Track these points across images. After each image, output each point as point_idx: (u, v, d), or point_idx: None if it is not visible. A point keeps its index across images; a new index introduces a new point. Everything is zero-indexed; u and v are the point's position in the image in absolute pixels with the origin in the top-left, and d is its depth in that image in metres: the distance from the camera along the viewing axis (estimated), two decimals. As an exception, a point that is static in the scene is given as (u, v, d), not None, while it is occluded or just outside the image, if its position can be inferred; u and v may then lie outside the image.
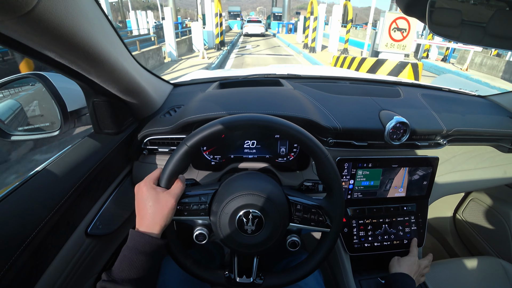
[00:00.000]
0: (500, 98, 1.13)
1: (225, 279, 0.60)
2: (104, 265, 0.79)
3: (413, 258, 0.87)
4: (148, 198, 0.51)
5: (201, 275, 0.59)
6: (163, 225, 0.51)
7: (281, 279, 0.61)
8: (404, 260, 0.86)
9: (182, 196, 0.56)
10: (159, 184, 0.54)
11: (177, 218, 0.55)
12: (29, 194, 0.53)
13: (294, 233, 0.61)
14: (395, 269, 0.83)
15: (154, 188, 0.52)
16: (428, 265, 0.90)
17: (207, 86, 1.03)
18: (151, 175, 0.55)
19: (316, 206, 0.58)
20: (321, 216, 0.57)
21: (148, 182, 0.53)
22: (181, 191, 0.54)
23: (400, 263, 0.85)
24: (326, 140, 0.84)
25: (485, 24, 0.57)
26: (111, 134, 0.76)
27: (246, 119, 0.55)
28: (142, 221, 0.50)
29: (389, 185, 0.90)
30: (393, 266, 0.85)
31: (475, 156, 1.03)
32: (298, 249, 0.61)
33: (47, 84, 0.67)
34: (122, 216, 0.82)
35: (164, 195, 0.51)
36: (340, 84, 1.11)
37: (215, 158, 0.87)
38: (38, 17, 0.33)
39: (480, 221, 1.34)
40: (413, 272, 0.82)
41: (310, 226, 0.58)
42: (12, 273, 0.45)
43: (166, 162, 0.54)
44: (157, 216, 0.50)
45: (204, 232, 0.58)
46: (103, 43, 0.49)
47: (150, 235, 0.49)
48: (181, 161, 0.53)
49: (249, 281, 0.60)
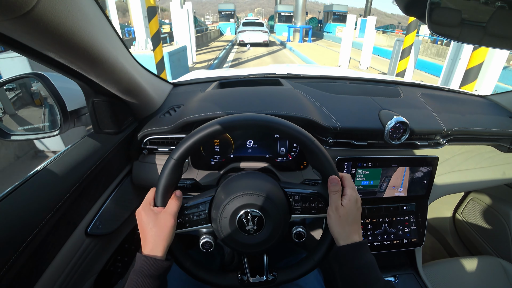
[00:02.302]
0: (499, 98, 1.14)
1: (239, 281, 0.60)
2: (104, 265, 0.79)
3: (352, 197, 0.55)
4: (148, 222, 0.52)
5: (214, 281, 0.59)
6: (166, 245, 0.51)
7: (293, 272, 0.60)
8: (345, 209, 0.54)
9: (181, 209, 0.56)
10: (156, 204, 0.54)
11: (180, 231, 0.56)
12: (29, 194, 0.53)
13: (299, 224, 0.61)
14: (338, 232, 0.54)
15: (152, 210, 0.53)
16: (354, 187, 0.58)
17: (206, 85, 1.03)
18: (146, 197, 0.55)
19: (314, 194, 0.58)
20: (321, 202, 0.57)
21: (145, 205, 0.54)
22: (178, 207, 0.54)
23: (341, 219, 0.54)
24: (326, 140, 0.84)
25: (485, 23, 0.57)
26: (111, 134, 0.76)
27: (227, 121, 0.55)
28: (145, 244, 0.51)
29: (389, 185, 0.90)
30: (333, 226, 0.54)
31: (474, 156, 1.03)
32: (302, 243, 0.60)
33: (47, 84, 0.67)
34: (122, 216, 0.82)
35: (162, 215, 0.52)
36: (340, 83, 1.11)
37: (214, 158, 0.87)
38: (38, 17, 0.33)
39: (479, 220, 1.34)
40: (358, 220, 0.55)
41: (312, 214, 0.58)
42: (12, 272, 0.45)
43: (157, 180, 0.54)
44: (159, 238, 0.51)
45: (210, 240, 0.58)
46: (103, 43, 0.49)
47: (154, 258, 0.49)
48: (172, 175, 0.54)
49: (263, 279, 0.60)
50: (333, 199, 0.55)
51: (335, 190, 0.55)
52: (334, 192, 0.55)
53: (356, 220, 0.55)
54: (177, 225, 0.54)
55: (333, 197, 0.55)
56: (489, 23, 0.57)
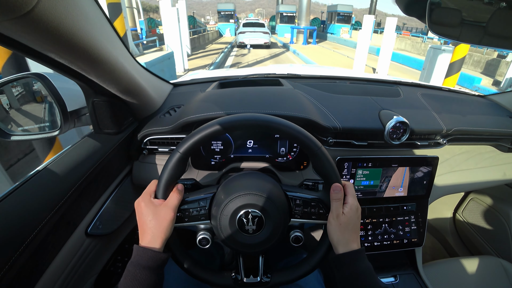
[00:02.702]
0: (500, 98, 1.13)
1: (233, 280, 0.60)
2: (104, 265, 0.79)
3: (354, 206, 0.55)
4: (147, 213, 0.51)
5: (208, 279, 0.59)
6: (164, 237, 0.51)
7: (288, 275, 0.61)
8: (346, 217, 0.54)
9: (181, 203, 0.56)
10: (157, 196, 0.54)
11: (179, 225, 0.56)
12: (29, 194, 0.53)
13: (297, 228, 0.61)
14: (337, 239, 0.54)
15: (152, 202, 0.52)
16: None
17: (207, 85, 1.03)
18: (147, 189, 0.55)
19: (315, 199, 0.58)
20: (321, 208, 0.57)
21: (145, 197, 0.54)
22: (178, 201, 0.54)
23: (342, 226, 0.54)
24: (326, 140, 0.84)
25: (485, 23, 0.57)
26: (111, 134, 0.76)
27: (239, 119, 0.55)
28: (144, 236, 0.51)
29: (389, 185, 0.90)
30: (333, 233, 0.54)
31: (475, 156, 1.03)
32: (300, 245, 0.60)
33: (47, 84, 0.67)
34: (122, 216, 0.82)
35: (162, 208, 0.52)
36: (340, 83, 1.11)
37: (215, 158, 0.87)
38: (38, 17, 0.33)
39: (480, 220, 1.34)
40: (357, 228, 0.56)
41: (311, 220, 0.58)
42: (12, 273, 0.45)
43: (160, 172, 0.54)
44: (158, 230, 0.50)
45: (207, 237, 0.58)
46: (103, 43, 0.49)
47: (152, 250, 0.49)
48: (176, 169, 0.54)
49: (257, 280, 0.60)
50: (335, 206, 0.55)
51: (337, 198, 0.55)
52: (336, 200, 0.55)
53: (355, 228, 0.55)
54: (176, 219, 0.54)
55: (334, 205, 0.55)
56: (489, 23, 0.57)
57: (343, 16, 23.36)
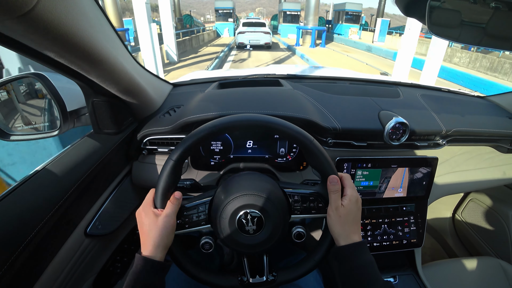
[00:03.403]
0: (499, 99, 1.14)
1: (239, 282, 0.60)
2: (103, 265, 0.79)
3: (353, 197, 0.55)
4: (148, 223, 0.52)
5: (214, 282, 0.59)
6: (165, 246, 0.52)
7: (294, 272, 0.60)
8: (346, 209, 0.53)
9: (181, 210, 0.56)
10: (155, 205, 0.54)
11: (180, 232, 0.56)
12: (28, 193, 0.53)
13: (299, 224, 0.61)
14: (338, 232, 0.54)
15: (152, 212, 0.53)
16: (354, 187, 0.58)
17: (206, 86, 1.03)
18: (147, 198, 0.55)
19: (313, 194, 0.58)
20: (320, 202, 0.57)
21: (145, 206, 0.54)
22: (177, 208, 0.54)
23: (342, 218, 0.53)
24: (325, 140, 0.84)
25: (485, 24, 0.57)
26: (110, 134, 0.76)
27: (226, 121, 0.55)
28: (145, 245, 0.51)
29: (388, 185, 0.90)
30: (333, 226, 0.54)
31: (474, 157, 1.03)
32: (302, 243, 0.60)
33: (47, 84, 0.67)
34: (121, 216, 0.82)
35: (162, 217, 0.52)
36: (339, 84, 1.11)
37: (214, 158, 0.87)
38: (38, 17, 0.33)
39: (479, 221, 1.34)
40: (358, 220, 0.55)
41: (311, 214, 0.58)
42: (11, 272, 0.45)
43: (156, 182, 0.54)
44: (158, 239, 0.51)
45: (210, 241, 0.59)
46: (102, 43, 0.49)
47: (153, 259, 0.50)
48: (171, 176, 0.54)
49: (263, 280, 0.60)
50: (333, 199, 0.54)
51: (334, 190, 0.54)
52: (333, 192, 0.54)
53: (356, 220, 0.54)
54: (177, 226, 0.54)
55: (333, 197, 0.54)
56: (488, 24, 0.57)
57: (351, 15, 21.44)
